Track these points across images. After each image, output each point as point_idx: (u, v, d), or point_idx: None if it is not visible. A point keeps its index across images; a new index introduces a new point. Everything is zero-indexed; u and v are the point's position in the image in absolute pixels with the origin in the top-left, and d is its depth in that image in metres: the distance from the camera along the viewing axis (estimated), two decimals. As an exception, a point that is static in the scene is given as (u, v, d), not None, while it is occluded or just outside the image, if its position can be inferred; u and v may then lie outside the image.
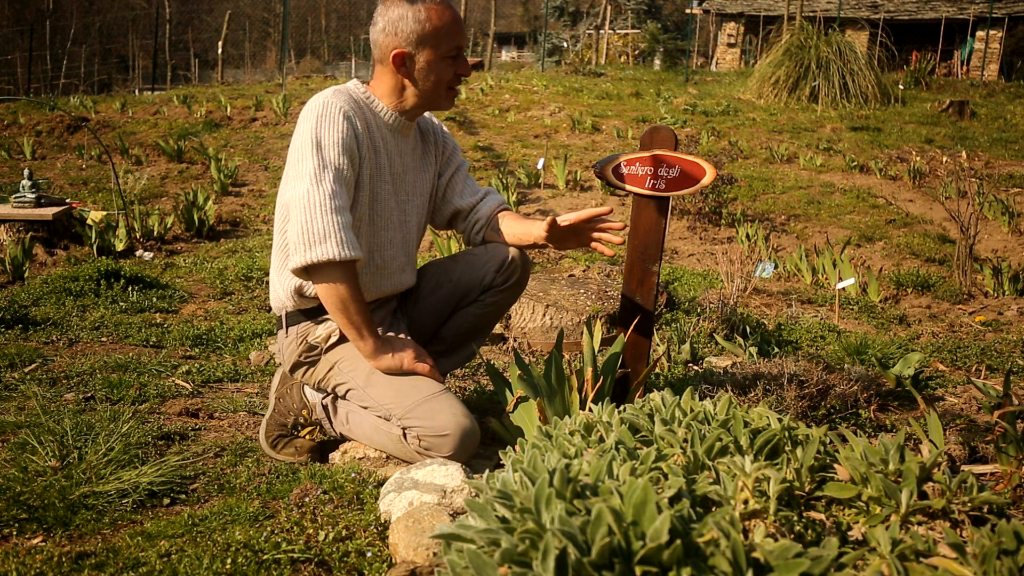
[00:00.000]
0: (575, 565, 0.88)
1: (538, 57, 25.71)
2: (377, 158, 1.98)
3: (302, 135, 1.86)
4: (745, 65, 21.04)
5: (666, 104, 11.81)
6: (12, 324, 3.36)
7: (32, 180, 5.47)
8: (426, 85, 1.95)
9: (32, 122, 10.29)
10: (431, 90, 1.96)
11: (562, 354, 1.96)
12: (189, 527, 1.61)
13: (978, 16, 19.59)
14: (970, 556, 1.03)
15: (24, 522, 1.61)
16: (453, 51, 1.93)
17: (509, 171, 7.97)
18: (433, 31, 1.89)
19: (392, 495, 1.67)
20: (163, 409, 2.44)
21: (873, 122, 10.80)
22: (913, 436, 2.05)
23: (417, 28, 1.89)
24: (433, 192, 2.20)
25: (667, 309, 3.74)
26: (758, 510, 1.18)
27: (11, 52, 25.40)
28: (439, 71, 1.94)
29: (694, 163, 2.05)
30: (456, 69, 1.96)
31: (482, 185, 2.45)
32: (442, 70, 1.94)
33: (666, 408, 1.51)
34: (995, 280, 4.80)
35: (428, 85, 1.95)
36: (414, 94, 1.97)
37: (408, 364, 1.94)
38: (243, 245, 5.70)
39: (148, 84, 21.56)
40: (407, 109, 2.01)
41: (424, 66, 1.93)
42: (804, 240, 6.17)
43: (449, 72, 1.95)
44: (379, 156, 1.99)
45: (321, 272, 1.82)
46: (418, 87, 1.96)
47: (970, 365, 3.10)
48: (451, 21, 1.92)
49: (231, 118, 10.77)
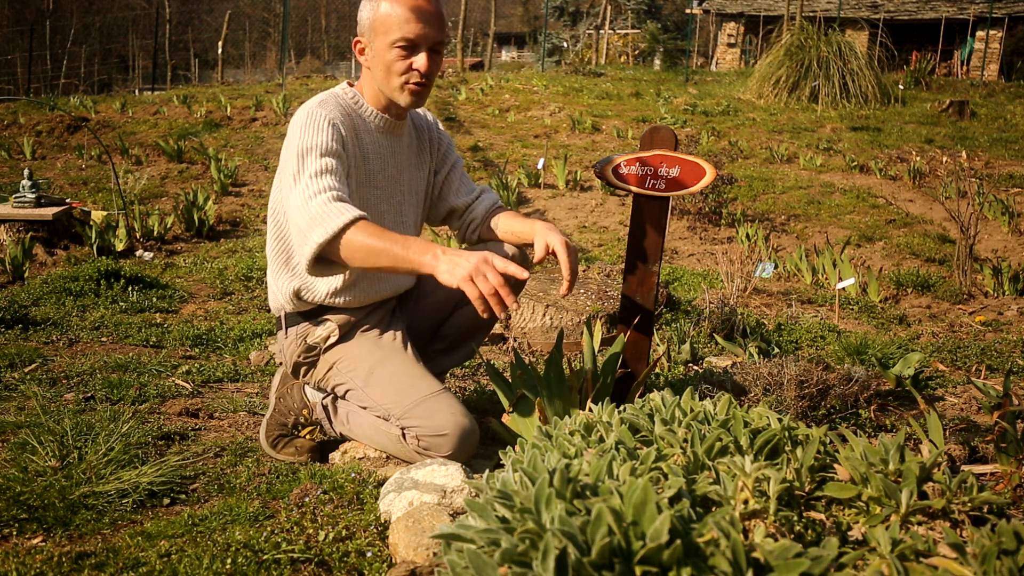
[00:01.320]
0: (575, 565, 0.88)
1: (538, 57, 25.72)
2: (366, 164, 1.97)
3: (288, 149, 1.86)
4: (745, 65, 21.04)
5: (666, 104, 11.81)
6: (12, 324, 3.36)
7: (32, 180, 5.47)
8: (378, 74, 1.92)
9: (32, 122, 10.29)
10: (383, 79, 1.92)
11: (562, 354, 1.96)
12: (189, 527, 1.61)
13: (978, 16, 19.59)
14: (970, 556, 1.03)
15: (24, 522, 1.61)
16: (400, 41, 1.86)
17: (509, 171, 7.97)
18: (383, 17, 1.86)
19: (392, 495, 1.67)
20: (163, 409, 2.44)
21: (873, 122, 10.80)
22: (913, 436, 2.05)
23: (370, 16, 1.89)
24: (429, 190, 2.19)
25: (667, 309, 3.74)
26: (758, 510, 1.18)
27: (11, 52, 25.40)
28: (386, 60, 1.88)
29: (694, 163, 2.05)
30: (410, 62, 1.88)
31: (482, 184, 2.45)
32: (390, 60, 1.88)
33: (666, 408, 1.51)
34: (995, 280, 4.80)
35: (380, 74, 1.92)
36: (376, 83, 1.95)
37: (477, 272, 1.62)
38: (243, 245, 5.70)
39: (148, 84, 21.56)
40: (383, 104, 1.98)
41: (374, 54, 1.91)
42: (804, 240, 6.17)
43: (400, 63, 1.88)
44: (368, 162, 1.97)
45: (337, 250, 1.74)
46: (375, 75, 1.94)
47: (970, 365, 3.10)
48: (404, 10, 1.85)
49: (231, 118, 10.77)
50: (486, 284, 1.60)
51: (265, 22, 39.90)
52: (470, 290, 1.60)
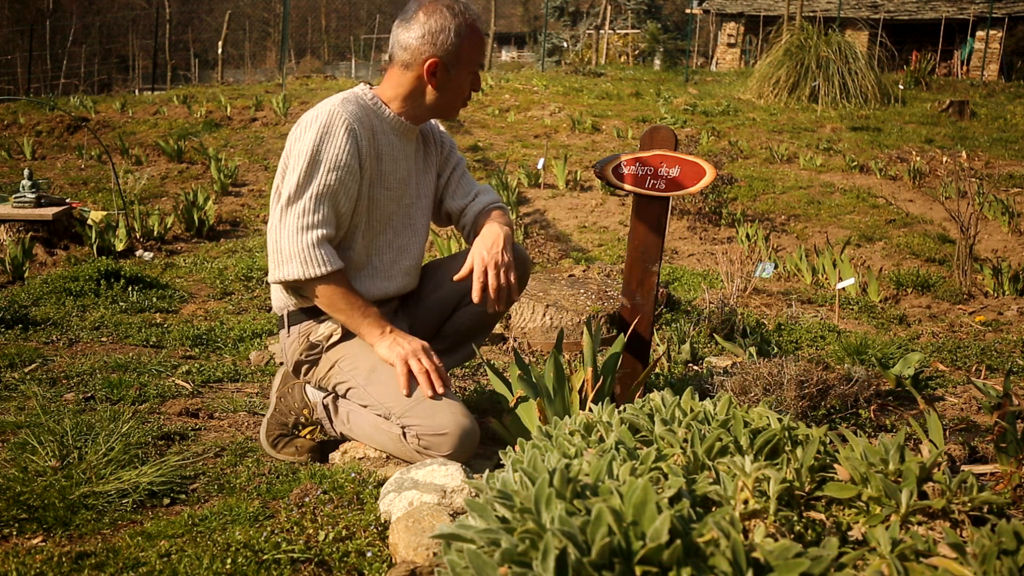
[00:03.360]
0: (575, 565, 0.88)
1: (538, 57, 25.72)
2: (379, 164, 2.00)
3: (302, 142, 1.89)
4: (745, 65, 21.04)
5: (666, 104, 11.81)
6: (12, 324, 3.36)
7: (32, 180, 5.47)
8: (448, 96, 2.01)
9: (32, 122, 10.29)
10: (451, 101, 2.03)
11: (562, 354, 1.96)
12: (189, 527, 1.61)
13: (978, 16, 19.59)
14: (970, 556, 1.03)
15: (24, 522, 1.61)
16: (477, 68, 2.01)
17: (509, 171, 7.97)
18: (469, 47, 1.96)
19: (392, 495, 1.67)
20: (163, 409, 2.44)
21: (873, 122, 10.80)
22: (913, 436, 2.05)
23: (456, 42, 1.94)
24: (436, 193, 2.23)
25: (667, 309, 3.74)
26: (758, 510, 1.18)
27: (11, 52, 25.40)
28: (464, 85, 2.01)
29: (694, 163, 2.05)
30: (473, 84, 2.03)
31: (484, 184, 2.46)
32: (464, 85, 2.01)
33: (666, 408, 1.51)
34: (995, 280, 4.80)
35: (450, 96, 2.01)
36: (433, 102, 2.01)
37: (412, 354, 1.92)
38: (243, 245, 5.70)
39: (148, 84, 21.56)
40: (418, 115, 2.04)
41: (453, 78, 1.98)
42: (804, 240, 6.17)
43: (468, 87, 2.02)
44: (381, 163, 2.01)
45: (303, 286, 1.92)
46: (440, 96, 2.01)
47: (970, 365, 3.10)
48: (481, 41, 2.01)
49: (231, 118, 10.77)
50: (418, 364, 1.90)
51: (265, 22, 39.89)
52: (400, 368, 1.89)
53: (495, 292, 1.93)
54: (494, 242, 1.96)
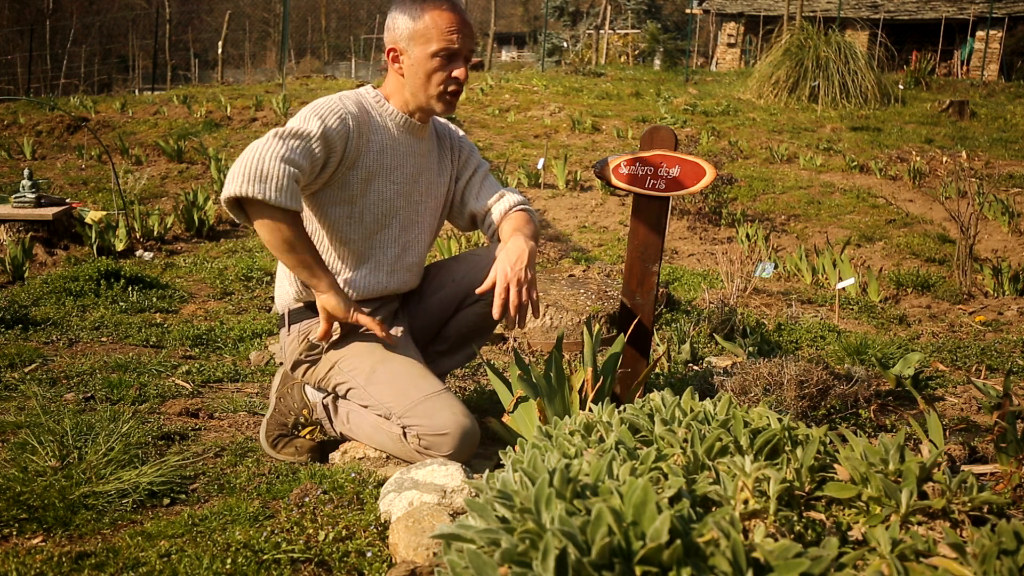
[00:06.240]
0: (575, 565, 0.88)
1: (538, 57, 25.72)
2: (382, 158, 2.00)
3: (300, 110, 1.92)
4: (745, 65, 21.04)
5: (666, 104, 11.81)
6: (12, 324, 3.36)
7: (32, 180, 5.47)
8: (416, 81, 1.98)
9: (32, 122, 10.29)
10: (420, 88, 1.98)
11: (562, 354, 1.95)
12: (189, 527, 1.61)
13: (978, 16, 19.58)
14: (970, 556, 1.03)
15: (24, 522, 1.61)
16: (442, 51, 1.93)
17: (509, 171, 7.97)
18: (423, 28, 1.93)
19: (392, 495, 1.67)
20: (163, 409, 2.44)
21: (873, 122, 10.80)
22: (913, 436, 2.05)
23: (410, 24, 1.94)
24: (450, 196, 2.22)
25: (667, 309, 3.74)
26: (758, 510, 1.18)
27: (11, 52, 25.39)
28: (426, 69, 1.95)
29: (694, 163, 2.05)
30: (449, 71, 1.96)
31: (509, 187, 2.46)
32: (430, 69, 1.95)
33: (666, 408, 1.51)
34: (995, 280, 4.80)
35: (417, 82, 1.97)
36: (410, 91, 2.00)
37: (357, 317, 1.91)
38: (243, 245, 5.70)
39: (148, 84, 21.55)
40: (411, 109, 2.04)
41: (412, 63, 1.96)
42: (804, 240, 6.17)
43: (439, 73, 1.95)
44: (385, 156, 2.01)
45: (260, 211, 1.78)
46: (410, 83, 1.99)
47: (970, 365, 3.10)
48: (446, 22, 1.92)
49: (231, 118, 10.77)
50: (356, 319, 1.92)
51: (265, 22, 39.89)
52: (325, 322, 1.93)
53: (515, 310, 1.86)
54: (518, 257, 1.90)
